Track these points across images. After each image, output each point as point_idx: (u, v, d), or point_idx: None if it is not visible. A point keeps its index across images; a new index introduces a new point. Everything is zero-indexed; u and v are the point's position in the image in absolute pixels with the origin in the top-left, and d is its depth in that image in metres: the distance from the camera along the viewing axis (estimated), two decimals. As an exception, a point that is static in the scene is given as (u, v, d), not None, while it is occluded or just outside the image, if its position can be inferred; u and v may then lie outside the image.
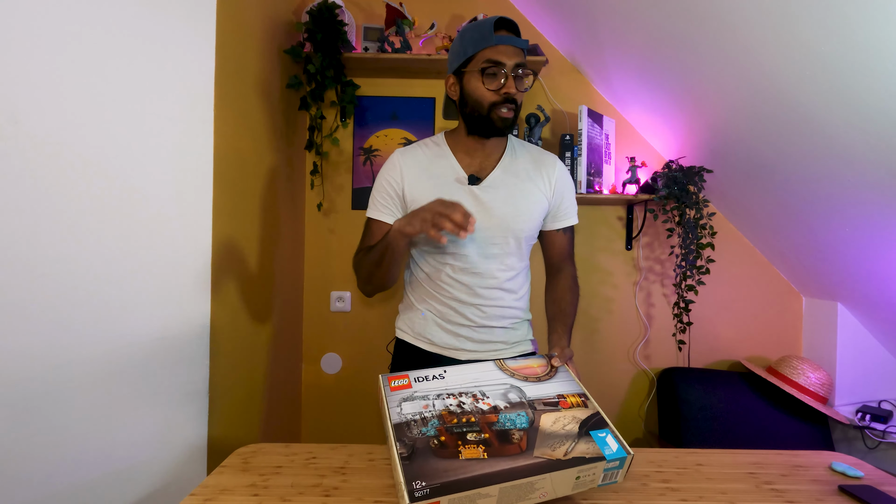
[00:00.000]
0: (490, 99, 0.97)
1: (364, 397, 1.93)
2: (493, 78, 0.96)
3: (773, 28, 1.11)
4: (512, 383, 0.81)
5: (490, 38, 0.94)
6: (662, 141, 1.88)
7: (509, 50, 0.95)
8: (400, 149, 1.10)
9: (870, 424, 1.62)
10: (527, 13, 1.92)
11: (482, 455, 0.67)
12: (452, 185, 1.04)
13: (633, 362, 1.95)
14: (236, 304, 1.27)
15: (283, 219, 1.66)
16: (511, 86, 0.95)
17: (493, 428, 0.71)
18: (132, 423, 0.98)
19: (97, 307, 0.92)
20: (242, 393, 1.31)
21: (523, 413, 0.75)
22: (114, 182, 0.94)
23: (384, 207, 1.07)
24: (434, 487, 0.61)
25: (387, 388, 0.78)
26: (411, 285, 1.14)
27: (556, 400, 0.78)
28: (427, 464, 0.65)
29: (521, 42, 0.96)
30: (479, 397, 0.77)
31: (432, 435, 0.70)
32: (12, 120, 0.81)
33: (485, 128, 1.00)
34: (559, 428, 0.73)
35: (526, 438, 0.70)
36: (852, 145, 1.19)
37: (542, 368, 0.85)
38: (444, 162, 1.06)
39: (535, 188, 1.07)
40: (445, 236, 0.90)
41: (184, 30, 1.05)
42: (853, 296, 1.68)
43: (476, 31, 0.97)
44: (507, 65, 0.94)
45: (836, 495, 0.79)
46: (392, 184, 1.05)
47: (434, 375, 0.81)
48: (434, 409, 0.74)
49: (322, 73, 1.65)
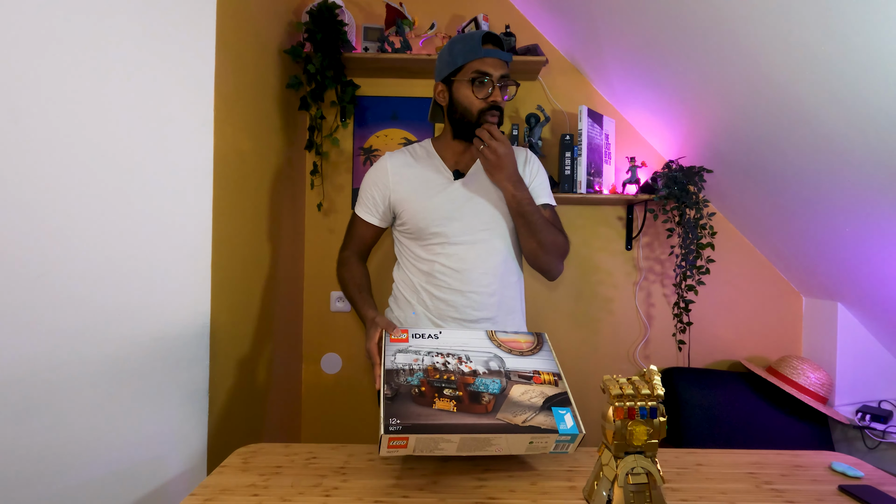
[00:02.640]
0: (478, 106, 1.05)
1: (364, 397, 1.93)
2: (481, 87, 1.05)
3: (773, 28, 1.11)
4: (496, 353, 0.89)
5: (478, 51, 1.03)
6: (662, 141, 1.88)
7: (496, 62, 1.04)
8: (388, 153, 1.17)
9: (870, 424, 1.62)
10: (527, 13, 1.92)
11: (452, 409, 0.78)
12: (437, 181, 1.11)
13: (633, 362, 1.95)
14: (236, 304, 1.27)
15: (283, 219, 1.66)
16: (497, 95, 1.05)
17: (468, 388, 0.82)
18: (132, 423, 0.98)
19: (97, 307, 0.92)
20: (242, 393, 1.31)
21: (497, 381, 0.84)
22: (114, 182, 0.94)
23: (366, 208, 1.16)
24: (406, 426, 0.73)
25: (387, 338, 0.89)
26: (402, 281, 1.16)
27: (530, 375, 0.86)
28: (405, 406, 0.76)
29: (505, 55, 1.05)
30: (464, 360, 0.87)
31: (415, 384, 0.80)
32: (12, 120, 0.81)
33: (471, 132, 1.07)
34: (525, 399, 0.81)
35: (493, 402, 0.80)
36: (852, 145, 1.19)
37: (529, 344, 0.93)
38: (430, 162, 1.14)
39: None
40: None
41: (184, 30, 1.05)
42: (853, 296, 1.68)
43: (465, 43, 1.04)
44: (494, 75, 1.04)
45: (836, 495, 0.79)
46: (378, 185, 1.13)
47: (430, 334, 0.91)
48: (422, 363, 0.85)
49: (322, 73, 1.65)
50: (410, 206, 1.10)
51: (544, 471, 0.84)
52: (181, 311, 1.05)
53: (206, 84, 1.10)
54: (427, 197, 1.09)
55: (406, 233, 1.13)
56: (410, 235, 1.13)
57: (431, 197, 1.09)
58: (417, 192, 1.10)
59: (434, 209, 1.09)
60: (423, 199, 1.09)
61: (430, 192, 1.10)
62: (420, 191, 1.10)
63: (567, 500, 0.75)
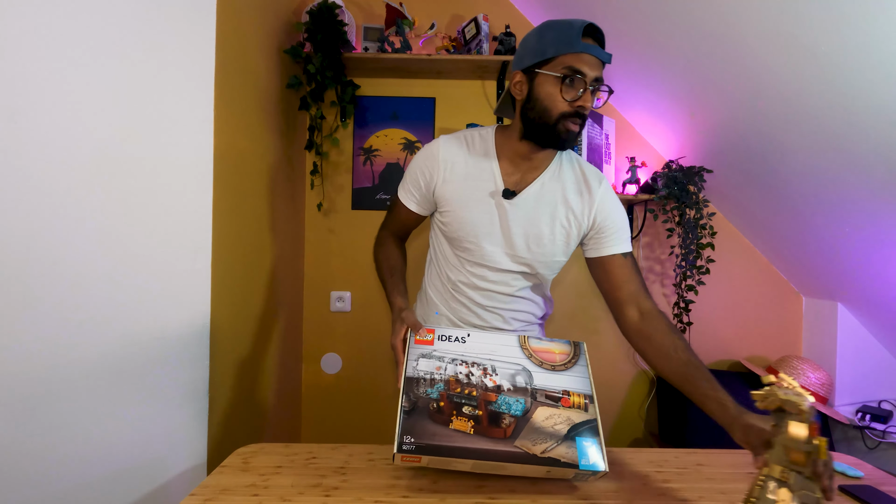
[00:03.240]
0: (561, 108, 0.88)
1: (364, 397, 1.93)
2: (571, 87, 0.86)
3: (773, 28, 1.11)
4: (525, 365, 0.82)
5: (576, 44, 0.84)
6: (662, 141, 1.88)
7: (594, 61, 0.86)
8: (445, 137, 1.02)
9: (870, 424, 1.62)
10: (527, 13, 1.92)
11: (469, 430, 0.73)
12: (485, 193, 0.98)
13: (634, 362, 1.95)
14: (236, 304, 1.27)
15: (283, 219, 1.66)
16: (587, 99, 0.87)
17: (488, 407, 0.76)
18: (132, 423, 0.98)
19: (97, 307, 0.92)
20: (242, 393, 1.31)
21: (522, 400, 0.78)
22: (113, 182, 0.94)
23: (409, 194, 1.05)
24: (420, 446, 0.71)
25: (411, 339, 0.83)
26: (431, 282, 1.12)
27: (559, 395, 0.79)
28: (421, 423, 0.73)
29: (605, 55, 0.86)
30: (489, 372, 0.80)
31: (434, 398, 0.76)
32: (12, 120, 0.81)
33: (545, 137, 0.92)
34: (549, 425, 0.75)
35: (514, 426, 0.74)
36: (852, 145, 1.19)
37: (563, 356, 0.84)
38: (486, 166, 0.99)
39: (565, 213, 0.99)
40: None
41: (184, 30, 1.05)
42: (853, 296, 1.68)
43: (560, 31, 0.86)
44: (588, 76, 0.86)
45: (836, 495, 0.79)
46: (425, 174, 1.01)
47: (457, 337, 0.84)
48: (445, 372, 0.79)
49: (322, 73, 1.65)
50: (453, 210, 1.00)
51: (544, 471, 0.84)
52: (181, 311, 1.05)
53: (206, 84, 1.10)
54: (468, 207, 0.98)
55: (444, 228, 1.04)
56: (447, 235, 1.05)
57: (472, 209, 0.98)
58: (461, 197, 0.99)
59: (472, 223, 0.98)
60: (464, 209, 0.99)
61: (473, 202, 0.98)
62: (464, 197, 0.98)
63: (567, 500, 0.75)
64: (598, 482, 0.81)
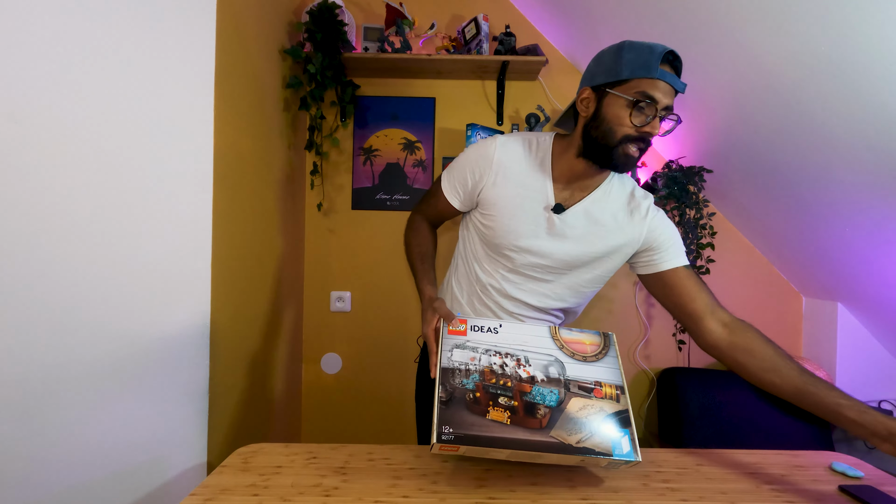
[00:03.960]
0: (627, 132, 0.86)
1: (364, 397, 1.93)
2: (640, 113, 0.85)
3: (773, 28, 1.11)
4: (557, 356, 0.83)
5: (654, 70, 0.84)
6: (662, 141, 1.88)
7: (667, 89, 0.85)
8: (503, 138, 0.99)
9: (870, 424, 1.62)
10: (527, 13, 1.92)
11: (506, 420, 0.75)
12: (535, 203, 0.97)
13: (634, 362, 1.95)
14: (236, 304, 1.27)
15: (283, 219, 1.66)
16: (655, 126, 0.86)
17: (523, 398, 0.77)
18: (133, 423, 0.98)
19: (97, 307, 0.92)
20: (242, 393, 1.31)
21: (556, 391, 0.79)
22: (113, 182, 0.94)
23: (454, 189, 1.03)
24: (458, 436, 0.72)
25: (445, 329, 0.84)
26: (456, 278, 1.11)
27: (591, 386, 0.80)
28: (459, 413, 0.74)
29: (681, 84, 0.86)
30: (522, 363, 0.81)
31: (470, 388, 0.77)
32: (12, 120, 0.81)
33: (604, 158, 0.90)
34: (583, 415, 0.77)
35: (549, 417, 0.76)
36: (852, 145, 1.19)
37: (594, 347, 0.85)
38: (539, 176, 0.97)
39: (613, 236, 0.98)
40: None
41: (184, 30, 1.05)
42: (853, 296, 1.68)
43: (639, 54, 0.85)
44: (660, 103, 0.85)
45: (836, 495, 0.79)
46: (475, 173, 0.99)
47: (490, 328, 0.85)
48: (479, 363, 0.80)
49: (322, 73, 1.65)
50: (496, 215, 0.98)
51: (544, 471, 0.84)
52: (181, 311, 1.05)
53: (206, 84, 1.10)
54: (516, 217, 0.97)
55: (484, 231, 1.02)
56: (484, 237, 1.03)
57: (520, 218, 0.96)
58: (510, 205, 0.97)
59: (516, 233, 0.97)
60: (512, 218, 0.97)
61: (521, 211, 0.96)
62: (512, 206, 0.97)
63: (567, 500, 0.75)
64: (597, 482, 0.81)
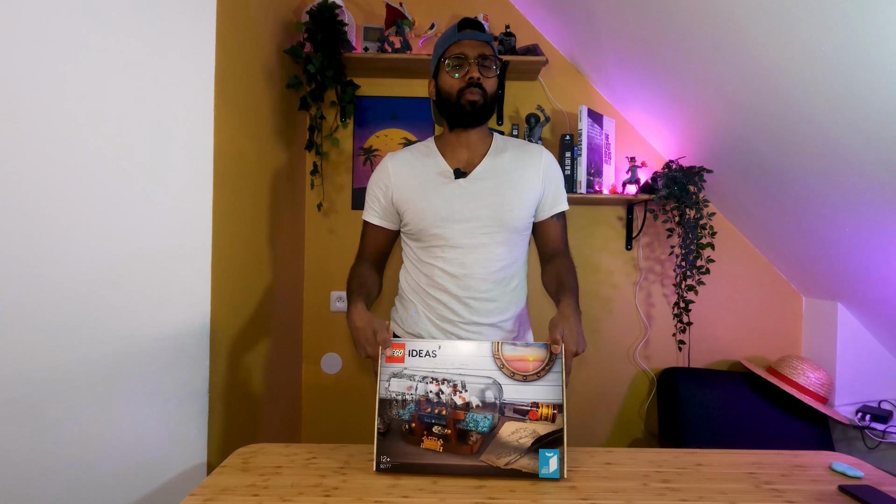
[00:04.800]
0: (457, 86, 1.05)
1: (364, 397, 1.93)
2: (458, 68, 1.05)
3: (773, 28, 1.11)
4: (496, 377, 0.85)
5: (455, 36, 1.05)
6: (662, 141, 1.88)
7: (473, 43, 1.04)
8: (390, 153, 1.15)
9: (870, 424, 1.62)
10: (527, 13, 1.92)
11: (438, 448, 0.82)
12: (438, 180, 1.08)
13: (633, 362, 1.95)
14: (236, 304, 1.27)
15: (283, 219, 1.66)
16: (474, 71, 1.03)
17: (457, 425, 0.83)
18: (132, 423, 0.98)
19: (97, 307, 0.92)
20: (242, 393, 1.31)
21: (489, 416, 0.83)
22: (113, 181, 0.94)
23: (372, 210, 1.14)
24: (395, 465, 0.82)
25: (383, 358, 0.86)
26: (405, 280, 1.16)
27: (527, 408, 0.83)
28: (395, 444, 0.83)
29: (484, 36, 1.05)
30: (459, 389, 0.84)
31: (406, 419, 0.83)
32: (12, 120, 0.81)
33: (458, 115, 1.06)
34: (514, 440, 0.82)
35: (480, 443, 0.82)
36: (852, 145, 1.19)
37: (537, 364, 0.85)
38: (431, 160, 1.11)
39: (523, 177, 1.10)
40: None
41: (184, 29, 1.05)
42: (853, 296, 1.68)
43: (444, 34, 1.08)
44: (471, 55, 1.04)
45: (836, 495, 0.79)
46: (380, 186, 1.12)
47: (428, 351, 0.86)
48: (416, 392, 0.84)
49: (322, 73, 1.65)
50: (411, 206, 1.08)
51: (544, 471, 0.84)
52: (181, 311, 1.05)
53: (206, 84, 1.10)
54: (426, 197, 1.07)
55: (408, 234, 1.12)
56: (412, 237, 1.11)
57: (431, 197, 1.07)
58: (417, 191, 1.08)
59: (433, 209, 1.06)
60: (423, 199, 1.07)
61: (430, 191, 1.07)
62: (420, 190, 1.08)
63: (567, 500, 0.75)
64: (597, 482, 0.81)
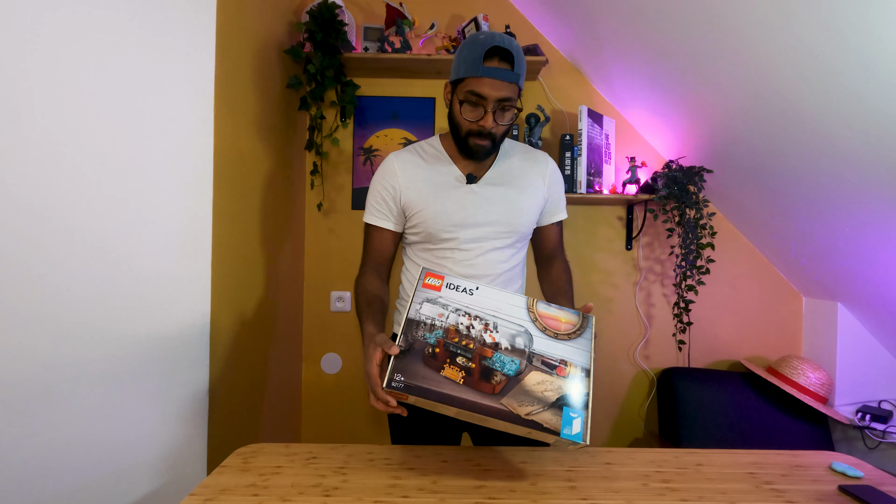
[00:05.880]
0: (467, 127, 0.97)
1: (364, 397, 1.93)
2: (472, 110, 0.94)
3: (773, 28, 1.11)
4: (528, 328, 0.81)
5: (477, 68, 0.90)
6: (662, 141, 1.88)
7: (495, 84, 0.91)
8: (394, 152, 1.09)
9: (870, 424, 1.62)
10: (527, 13, 1.92)
11: (459, 380, 0.74)
12: (450, 184, 1.05)
13: (633, 362, 1.95)
14: (236, 304, 1.27)
15: (283, 219, 1.66)
16: (489, 121, 0.94)
17: (482, 362, 0.77)
18: (132, 423, 0.98)
19: (97, 307, 0.92)
20: (242, 393, 1.31)
21: (517, 361, 0.77)
22: (113, 182, 0.94)
23: (378, 212, 1.08)
24: (408, 385, 0.73)
25: (420, 282, 0.82)
26: (408, 280, 1.14)
27: (556, 363, 0.78)
28: (414, 365, 0.75)
29: (509, 76, 0.91)
30: (490, 328, 0.79)
31: (431, 343, 0.77)
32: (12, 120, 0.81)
33: (461, 148, 1.01)
34: (539, 390, 0.75)
35: (504, 385, 0.75)
36: (852, 145, 1.19)
37: (569, 326, 0.82)
38: (440, 164, 1.07)
39: (530, 183, 1.09)
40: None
41: (184, 30, 1.05)
42: (853, 296, 1.68)
43: (470, 51, 0.92)
44: (490, 99, 0.92)
45: (836, 495, 0.79)
46: (387, 187, 1.06)
47: (465, 288, 0.83)
48: (446, 320, 0.79)
49: (322, 73, 1.65)
50: (422, 210, 1.04)
51: (544, 471, 0.84)
52: (181, 311, 1.05)
53: (206, 84, 1.10)
54: (439, 201, 1.04)
55: (415, 235, 1.09)
56: (420, 237, 1.08)
57: (443, 201, 1.03)
58: (429, 194, 1.04)
59: (447, 214, 1.03)
60: (436, 203, 1.03)
61: (442, 195, 1.04)
62: (431, 194, 1.04)
63: (567, 500, 0.75)
64: (597, 482, 0.81)
